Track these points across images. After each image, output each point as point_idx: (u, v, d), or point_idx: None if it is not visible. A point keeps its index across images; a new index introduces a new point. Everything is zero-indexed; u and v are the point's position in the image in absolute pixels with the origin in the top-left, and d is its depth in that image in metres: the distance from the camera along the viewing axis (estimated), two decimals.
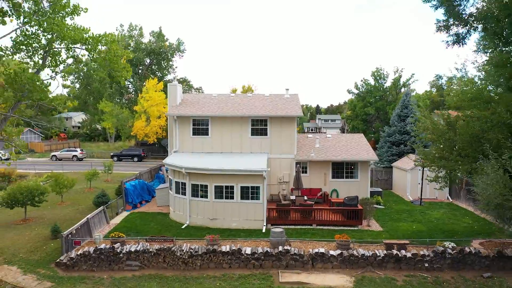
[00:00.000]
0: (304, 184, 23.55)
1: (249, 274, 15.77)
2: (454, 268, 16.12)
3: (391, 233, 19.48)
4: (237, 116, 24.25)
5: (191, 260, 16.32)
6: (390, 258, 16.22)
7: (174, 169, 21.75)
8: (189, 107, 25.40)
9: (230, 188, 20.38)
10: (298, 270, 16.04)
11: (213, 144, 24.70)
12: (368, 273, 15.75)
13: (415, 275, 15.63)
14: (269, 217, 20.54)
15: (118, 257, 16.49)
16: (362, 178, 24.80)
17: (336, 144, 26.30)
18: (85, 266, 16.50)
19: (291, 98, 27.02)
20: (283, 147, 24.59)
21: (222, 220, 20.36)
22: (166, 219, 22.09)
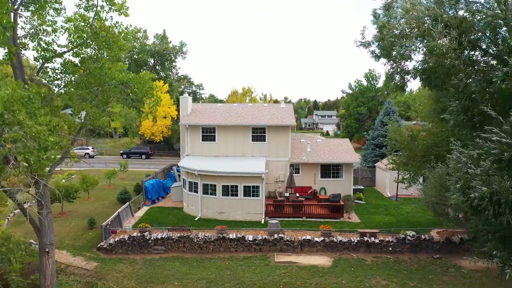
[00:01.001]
0: (296, 183, 27.84)
1: (251, 256, 20.13)
2: (412, 251, 20.51)
3: (366, 224, 23.83)
4: (240, 125, 28.45)
5: (205, 245, 20.67)
6: (362, 244, 20.59)
7: (187, 171, 26.00)
8: (199, 116, 29.57)
9: (234, 187, 24.65)
10: (290, 253, 20.41)
11: (220, 149, 28.92)
12: (344, 255, 20.13)
13: (380, 257, 20.01)
14: (267, 211, 24.85)
15: (147, 243, 20.82)
16: (346, 178, 29.12)
17: (325, 148, 30.57)
18: (121, 250, 20.83)
19: (286, 108, 31.21)
20: (279, 151, 28.83)
21: (228, 214, 24.66)
22: (181, 213, 26.38)
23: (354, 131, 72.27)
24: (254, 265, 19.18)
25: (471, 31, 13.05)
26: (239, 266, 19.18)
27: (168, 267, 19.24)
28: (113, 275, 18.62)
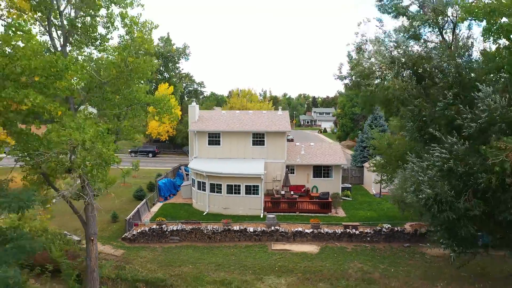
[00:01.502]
0: (291, 182, 31.73)
1: (251, 244, 24.09)
2: (387, 240, 24.47)
3: (350, 218, 27.76)
4: (242, 131, 32.28)
5: (213, 236, 24.63)
6: (345, 235, 24.55)
7: (196, 172, 29.88)
8: (205, 123, 33.40)
9: (237, 186, 28.56)
10: (284, 242, 24.37)
11: (224, 152, 32.77)
12: (330, 244, 24.09)
13: (360, 245, 23.98)
14: (265, 207, 28.78)
15: (165, 234, 24.77)
16: (335, 177, 33.01)
17: (317, 151, 34.42)
18: (142, 240, 24.78)
19: (282, 115, 35.05)
20: (276, 154, 32.68)
21: (232, 209, 28.57)
22: (191, 208, 30.31)
23: (349, 130, 76.17)
24: (254, 252, 23.14)
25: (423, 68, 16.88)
26: (242, 252, 23.14)
27: (183, 253, 23.21)
28: (137, 260, 22.57)
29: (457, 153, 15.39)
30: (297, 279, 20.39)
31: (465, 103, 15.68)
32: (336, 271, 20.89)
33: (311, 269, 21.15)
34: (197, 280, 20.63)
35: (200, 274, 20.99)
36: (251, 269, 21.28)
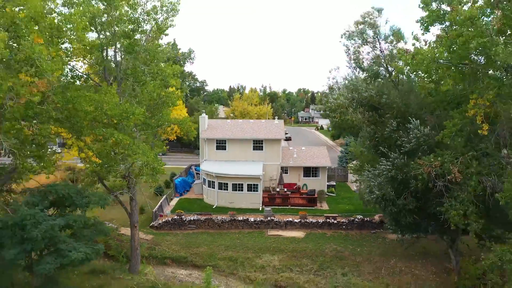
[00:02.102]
0: (285, 181, 38.33)
1: (252, 231, 30.78)
2: (358, 228, 31.13)
3: (332, 210, 34.38)
4: (244, 139, 38.81)
5: (222, 224, 31.32)
6: (326, 224, 31.21)
7: (207, 173, 36.48)
8: (213, 131, 39.91)
9: (240, 185, 35.15)
10: (278, 229, 31.05)
11: (229, 155, 39.30)
12: (313, 231, 30.77)
13: (337, 232, 30.66)
14: (263, 201, 35.39)
15: (184, 223, 31.45)
16: (322, 177, 39.60)
17: (307, 154, 40.98)
18: (166, 227, 31.46)
19: (278, 124, 41.57)
20: (273, 157, 39.22)
21: (236, 203, 35.18)
22: (202, 202, 36.94)
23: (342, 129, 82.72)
24: (254, 237, 29.84)
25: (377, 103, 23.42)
26: (245, 237, 29.84)
27: (199, 238, 29.91)
28: (164, 243, 29.27)
29: (397, 165, 21.95)
30: (286, 256, 27.11)
31: (404, 129, 22.20)
32: (316, 251, 27.59)
33: (297, 249, 27.85)
34: (210, 257, 27.33)
35: (213, 253, 27.70)
36: (251, 249, 27.97)
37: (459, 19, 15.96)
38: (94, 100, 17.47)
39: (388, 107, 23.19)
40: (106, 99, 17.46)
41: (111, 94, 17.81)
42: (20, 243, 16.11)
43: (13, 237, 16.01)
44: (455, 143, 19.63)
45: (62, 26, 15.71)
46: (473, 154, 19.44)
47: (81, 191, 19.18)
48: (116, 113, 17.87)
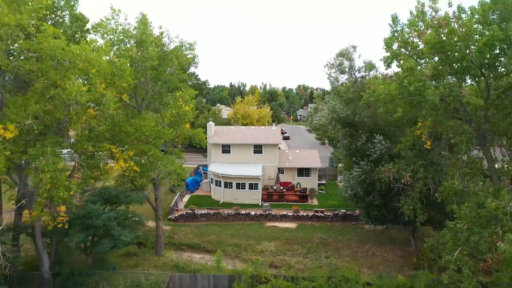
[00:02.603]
0: (281, 180, 44.51)
1: (253, 223, 37.03)
2: (341, 220, 37.34)
3: (321, 206, 40.57)
4: (246, 144, 44.91)
5: (228, 217, 37.55)
6: (314, 216, 37.42)
7: (214, 174, 42.63)
8: (219, 137, 45.99)
9: (243, 184, 41.31)
10: (274, 221, 37.28)
11: (233, 158, 45.40)
12: (304, 222, 37.00)
13: (323, 223, 36.89)
14: (262, 198, 41.57)
15: (196, 216, 37.67)
16: (313, 176, 45.75)
17: (301, 157, 47.09)
18: (181, 220, 37.68)
19: (275, 131, 47.68)
20: (270, 159, 45.34)
21: (239, 199, 41.35)
22: (210, 199, 43.13)
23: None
24: (255, 227, 36.05)
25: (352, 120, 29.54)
26: (247, 227, 36.06)
27: (209, 228, 36.12)
28: (180, 232, 35.47)
29: (366, 171, 28.09)
30: (281, 243, 33.34)
31: (371, 143, 28.32)
32: (306, 238, 33.82)
33: (290, 237, 34.08)
34: (219, 244, 33.52)
35: (221, 240, 33.90)
36: (253, 237, 34.20)
37: (403, 69, 22.03)
38: (135, 124, 23.59)
39: (360, 124, 29.31)
40: (145, 123, 23.56)
41: (149, 120, 23.92)
42: (85, 230, 22.32)
43: (80, 225, 22.19)
44: (408, 154, 25.78)
45: (116, 72, 21.76)
46: (422, 163, 25.58)
47: (125, 192, 25.37)
48: (152, 134, 24.02)
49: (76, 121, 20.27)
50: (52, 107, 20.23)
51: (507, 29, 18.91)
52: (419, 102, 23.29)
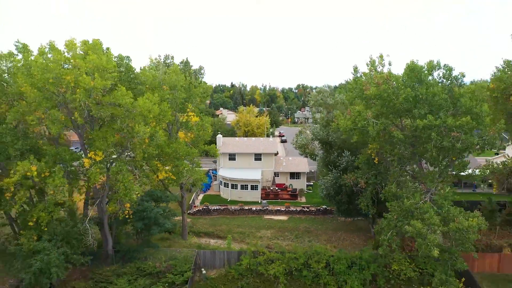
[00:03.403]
0: (276, 182, 55.29)
1: (254, 216, 47.90)
2: (322, 214, 48.14)
3: (308, 202, 51.33)
4: (248, 153, 55.64)
5: (234, 212, 48.41)
6: (302, 211, 48.24)
7: (223, 177, 53.39)
8: (227, 147, 56.69)
9: (246, 185, 52.08)
10: (270, 215, 48.12)
11: (238, 164, 56.12)
12: (293, 216, 47.82)
13: (308, 216, 47.72)
14: (261, 196, 52.36)
15: (209, 211, 48.53)
16: (302, 179, 56.51)
17: (292, 163, 57.80)
18: (198, 214, 48.54)
19: (272, 141, 58.41)
20: (268, 165, 56.06)
21: (243, 198, 52.12)
22: (219, 197, 53.94)
23: None
24: (255, 220, 46.89)
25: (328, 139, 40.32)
26: (249, 219, 46.89)
27: (220, 220, 46.93)
28: (198, 223, 46.27)
29: (336, 177, 38.80)
30: (275, 231, 44.13)
31: (341, 156, 39.02)
32: (294, 227, 44.61)
33: (282, 226, 44.87)
34: (228, 231, 44.27)
35: (230, 229, 44.68)
36: (254, 227, 44.99)
37: (354, 111, 32.68)
38: (172, 147, 34.33)
39: (333, 143, 40.02)
40: (179, 146, 34.30)
41: (181, 144, 34.63)
42: (141, 220, 33.13)
43: (139, 216, 32.97)
44: (363, 166, 36.45)
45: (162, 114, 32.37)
46: (373, 173, 36.26)
47: (164, 192, 36.12)
48: (184, 153, 34.76)
49: (138, 148, 30.95)
50: (122, 139, 30.94)
51: (416, 90, 29.54)
52: (365, 133, 33.85)
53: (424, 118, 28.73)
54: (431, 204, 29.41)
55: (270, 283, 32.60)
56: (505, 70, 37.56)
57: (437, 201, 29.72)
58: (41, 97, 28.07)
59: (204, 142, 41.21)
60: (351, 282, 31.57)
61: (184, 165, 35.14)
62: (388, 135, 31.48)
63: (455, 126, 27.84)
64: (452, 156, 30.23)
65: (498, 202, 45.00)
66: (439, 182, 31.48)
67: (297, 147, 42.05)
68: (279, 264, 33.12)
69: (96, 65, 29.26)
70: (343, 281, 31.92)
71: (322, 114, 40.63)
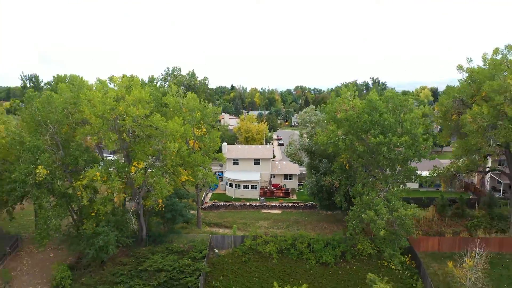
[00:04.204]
0: (272, 182, 66.41)
1: (254, 210, 59.10)
2: (309, 208, 59.26)
3: (298, 199, 62.43)
4: (249, 158, 66.76)
5: (238, 207, 59.59)
6: (293, 206, 59.41)
7: (228, 178, 64.53)
8: (231, 153, 67.77)
9: (247, 185, 63.19)
10: (267, 209, 59.29)
11: (240, 167, 67.19)
12: (286, 210, 59.00)
13: (298, 211, 58.89)
14: (260, 194, 63.48)
15: (218, 206, 59.71)
16: (294, 180, 67.63)
17: (286, 166, 68.88)
18: (208, 209, 59.72)
19: (269, 148, 69.58)
20: (265, 168, 67.15)
21: (245, 196, 63.17)
22: (225, 195, 65.05)
23: None
24: (255, 213, 58.01)
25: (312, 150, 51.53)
26: (250, 213, 58.02)
27: (226, 214, 58.03)
28: (209, 216, 57.34)
29: (318, 179, 49.90)
30: (271, 222, 55.21)
31: (321, 162, 50.13)
32: (285, 219, 55.71)
33: (276, 218, 55.96)
34: (233, 222, 55.29)
35: (234, 221, 55.73)
36: (254, 219, 56.08)
37: (329, 130, 43.78)
38: (192, 156, 45.43)
39: (316, 152, 51.10)
40: (197, 156, 45.40)
41: (199, 154, 45.72)
42: (170, 211, 44.26)
43: (168, 209, 44.10)
44: (338, 171, 47.51)
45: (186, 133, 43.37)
46: (345, 176, 47.33)
47: (186, 191, 47.20)
48: (200, 162, 45.87)
49: (168, 159, 41.92)
50: (156, 151, 41.95)
51: (372, 116, 40.57)
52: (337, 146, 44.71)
53: (377, 137, 39.76)
54: (382, 199, 40.50)
55: (266, 259, 43.76)
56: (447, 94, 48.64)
57: (388, 197, 40.82)
58: (101, 123, 39.06)
59: (214, 151, 52.15)
60: (326, 257, 42.71)
61: (200, 170, 46.22)
62: (353, 148, 42.52)
63: (398, 143, 38.92)
64: (398, 165, 41.33)
65: (450, 198, 56.24)
66: (391, 183, 42.55)
67: (287, 155, 53.06)
68: (273, 245, 44.28)
69: (139, 98, 40.35)
70: (319, 256, 43.07)
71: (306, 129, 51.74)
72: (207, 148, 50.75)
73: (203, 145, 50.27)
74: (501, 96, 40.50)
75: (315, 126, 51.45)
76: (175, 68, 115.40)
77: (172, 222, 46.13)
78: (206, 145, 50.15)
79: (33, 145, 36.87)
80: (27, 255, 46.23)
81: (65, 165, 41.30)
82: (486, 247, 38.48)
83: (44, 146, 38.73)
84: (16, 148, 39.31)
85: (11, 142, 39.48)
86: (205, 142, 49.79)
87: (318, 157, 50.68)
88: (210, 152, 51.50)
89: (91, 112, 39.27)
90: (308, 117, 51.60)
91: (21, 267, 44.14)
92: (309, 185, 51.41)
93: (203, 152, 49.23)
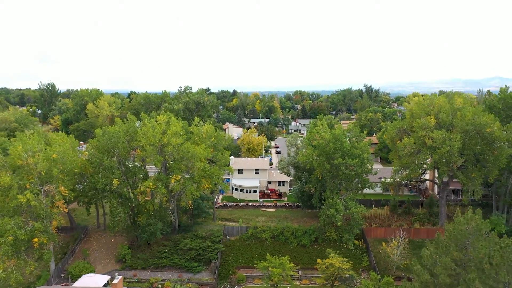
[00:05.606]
0: (269, 187, 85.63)
1: (254, 209, 78.39)
2: (296, 208, 78.40)
3: (288, 201, 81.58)
4: (250, 168, 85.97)
5: (243, 207, 78.92)
6: (284, 206, 78.64)
7: (235, 184, 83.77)
8: (236, 164, 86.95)
9: (249, 189, 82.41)
10: (265, 208, 78.55)
11: (244, 176, 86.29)
12: (279, 209, 78.20)
13: (288, 209, 78.09)
14: (259, 197, 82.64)
15: (227, 206, 79.05)
16: (286, 185, 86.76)
17: (280, 175, 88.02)
18: (220, 208, 78.98)
19: (266, 160, 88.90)
20: (264, 176, 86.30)
21: (247, 198, 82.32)
22: (232, 198, 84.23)
23: None
24: (255, 211, 77.16)
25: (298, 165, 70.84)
26: (252, 211, 77.17)
27: (234, 212, 77.16)
28: (221, 213, 76.49)
29: (302, 186, 69.03)
30: (267, 217, 74.32)
31: (303, 174, 69.32)
32: (278, 215, 74.80)
33: (271, 215, 75.08)
34: (239, 218, 74.30)
35: (240, 217, 74.83)
36: (254, 215, 75.21)
37: (306, 153, 62.94)
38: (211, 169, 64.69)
39: (300, 167, 70.29)
40: (215, 170, 64.69)
41: (216, 168, 64.95)
42: (196, 209, 63.57)
43: (194, 207, 63.34)
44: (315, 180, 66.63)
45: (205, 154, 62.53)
46: (319, 184, 66.46)
47: (205, 194, 66.45)
48: (216, 173, 65.14)
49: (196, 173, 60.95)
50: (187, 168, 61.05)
51: (335, 144, 59.66)
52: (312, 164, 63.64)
53: (337, 159, 58.82)
54: (342, 201, 59.65)
55: (263, 242, 63.07)
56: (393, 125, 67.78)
57: (346, 200, 59.98)
58: (152, 149, 58.17)
59: (225, 164, 71.26)
60: (304, 241, 61.98)
61: (216, 179, 65.37)
62: (324, 166, 61.64)
63: (352, 164, 58.04)
64: (352, 178, 60.51)
65: (401, 200, 75.40)
66: (349, 190, 61.68)
67: (279, 169, 72.60)
68: (268, 233, 63.61)
69: (175, 132, 59.58)
70: (300, 240, 62.40)
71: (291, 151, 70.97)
72: (221, 163, 69.91)
73: (219, 161, 69.38)
74: (423, 131, 59.65)
75: (299, 147, 70.58)
76: (187, 87, 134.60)
77: (197, 217, 65.31)
78: (221, 161, 69.29)
79: (109, 165, 56.08)
80: (95, 240, 65.54)
81: (127, 178, 60.55)
82: (408, 235, 57.79)
83: (114, 165, 57.93)
84: (93, 166, 58.51)
85: (92, 161, 58.63)
86: (219, 159, 68.95)
87: (301, 171, 69.73)
88: (222, 165, 70.75)
89: (145, 142, 58.39)
90: (294, 141, 70.92)
91: (92, 247, 63.44)
92: (295, 190, 70.44)
93: (218, 167, 68.33)
